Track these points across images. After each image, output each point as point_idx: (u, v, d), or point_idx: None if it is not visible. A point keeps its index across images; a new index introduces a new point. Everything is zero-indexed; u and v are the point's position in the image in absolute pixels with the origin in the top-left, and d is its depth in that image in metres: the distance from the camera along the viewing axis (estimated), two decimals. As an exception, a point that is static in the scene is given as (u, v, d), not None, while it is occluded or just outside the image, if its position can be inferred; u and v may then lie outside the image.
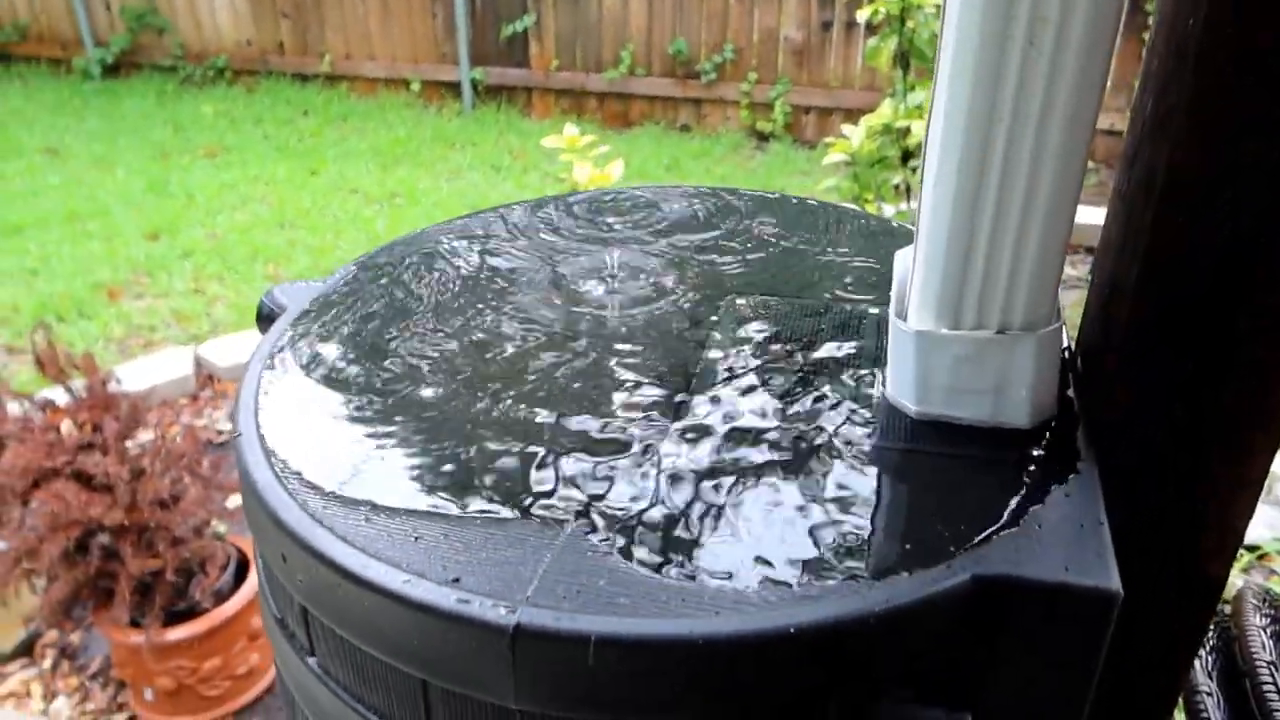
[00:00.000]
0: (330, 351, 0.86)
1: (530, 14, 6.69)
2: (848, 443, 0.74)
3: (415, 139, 6.47)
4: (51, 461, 2.35)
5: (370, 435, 0.75)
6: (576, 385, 0.80)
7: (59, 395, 2.49)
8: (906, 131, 3.63)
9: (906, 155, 3.69)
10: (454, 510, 0.67)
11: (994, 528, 0.65)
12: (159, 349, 4.01)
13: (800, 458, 0.72)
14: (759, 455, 0.73)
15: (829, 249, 1.04)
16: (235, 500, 2.95)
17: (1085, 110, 0.66)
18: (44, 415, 2.46)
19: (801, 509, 0.67)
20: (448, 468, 0.71)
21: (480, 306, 0.93)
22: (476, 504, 0.68)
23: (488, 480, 0.70)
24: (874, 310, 0.92)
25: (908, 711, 0.61)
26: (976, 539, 0.64)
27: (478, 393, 0.80)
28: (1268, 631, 1.04)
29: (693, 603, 0.59)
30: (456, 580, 0.61)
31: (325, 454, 0.73)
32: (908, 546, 0.64)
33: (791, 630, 0.57)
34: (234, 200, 5.48)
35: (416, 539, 0.64)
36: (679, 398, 0.79)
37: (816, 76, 6.33)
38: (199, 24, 7.42)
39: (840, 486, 0.69)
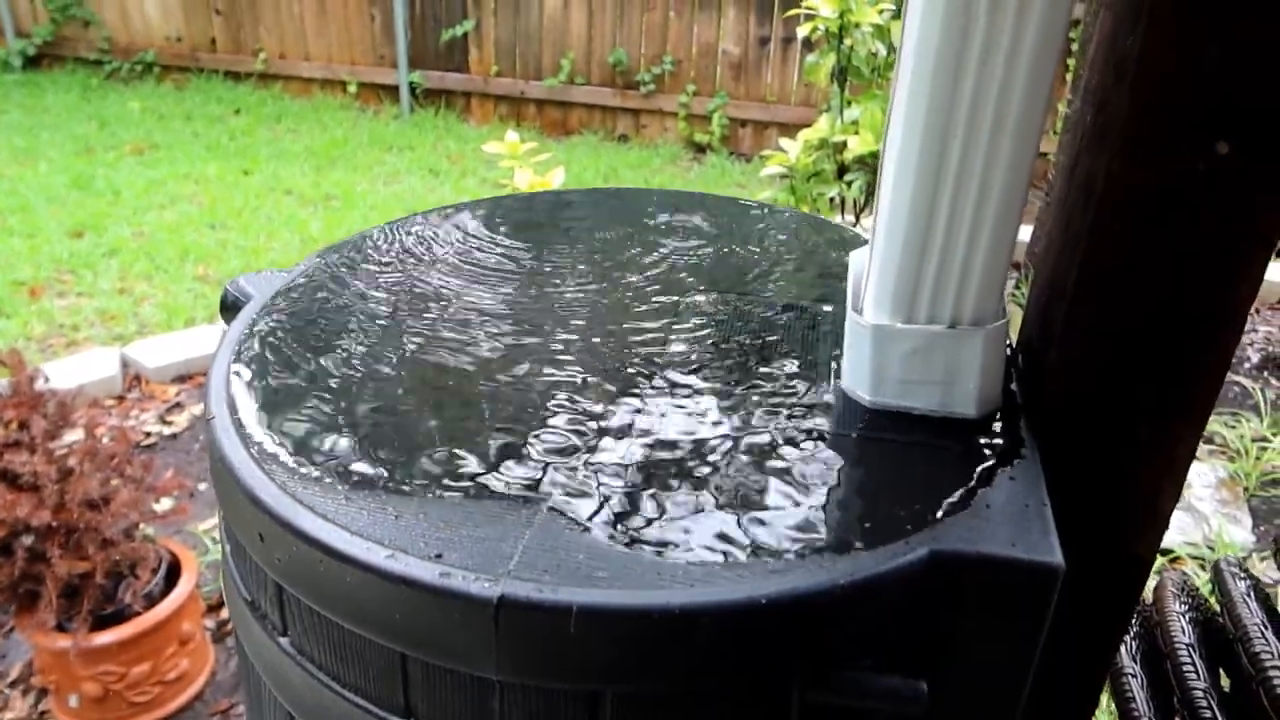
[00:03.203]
0: (300, 338, 0.87)
1: (470, 19, 6.67)
2: (807, 430, 0.78)
3: (351, 141, 6.39)
4: (-26, 460, 2.27)
5: (342, 418, 0.77)
6: (547, 370, 0.83)
7: (-18, 392, 2.41)
8: (843, 146, 3.72)
9: (842, 169, 3.79)
10: (432, 490, 0.69)
11: (947, 508, 0.69)
12: (83, 349, 3.90)
13: (763, 443, 0.76)
14: (724, 440, 0.76)
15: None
16: (165, 503, 2.89)
17: (1033, 122, 0.71)
18: (-33, 413, 2.38)
19: (766, 490, 0.70)
20: (423, 449, 0.73)
21: (447, 294, 0.94)
22: (454, 484, 0.69)
23: (464, 460, 0.72)
24: (828, 307, 0.96)
25: (868, 679, 0.65)
26: (931, 518, 0.68)
27: (447, 377, 0.82)
28: (1186, 617, 1.11)
29: (668, 576, 0.61)
30: (439, 555, 0.62)
31: (298, 436, 0.74)
32: (868, 525, 0.68)
33: (762, 601, 0.60)
34: (162, 199, 5.35)
35: (396, 517, 0.66)
36: (644, 386, 0.82)
37: (753, 91, 6.44)
38: (126, 17, 7.23)
39: (802, 470, 0.73)
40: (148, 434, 3.45)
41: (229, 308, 0.95)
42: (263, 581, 0.73)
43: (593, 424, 0.77)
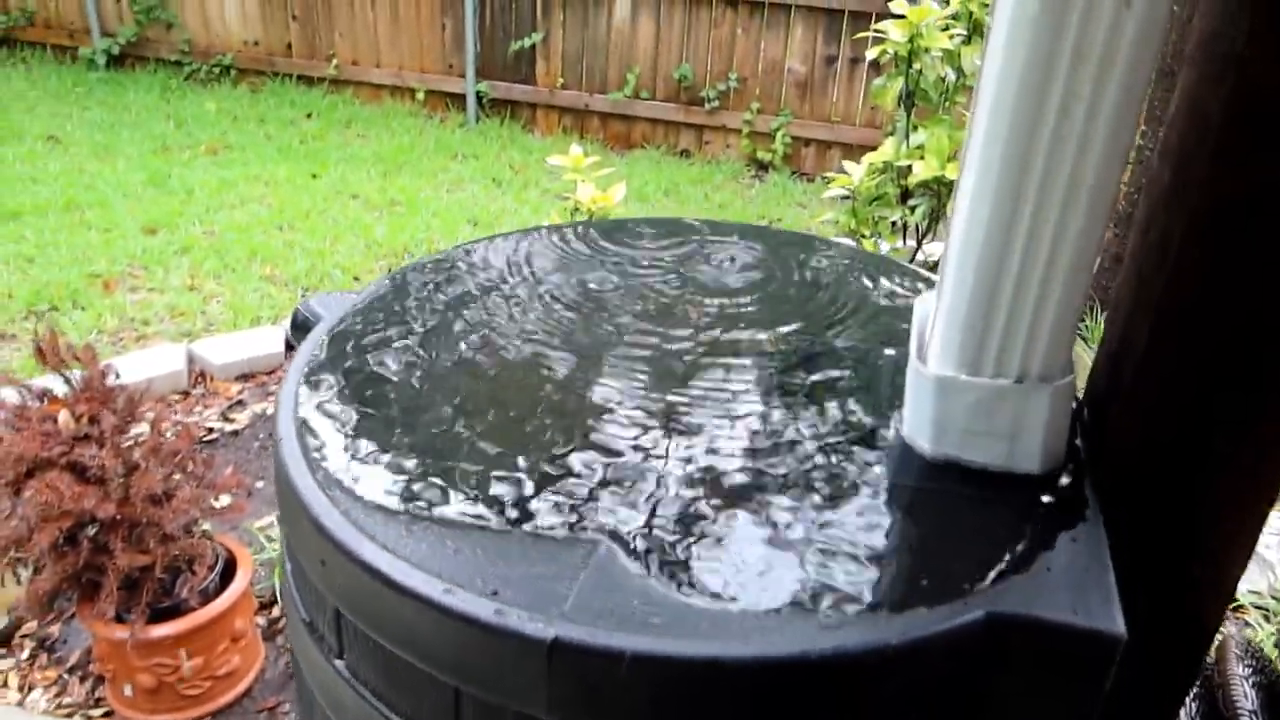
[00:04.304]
0: (368, 364, 0.89)
1: (539, 31, 6.75)
2: (866, 479, 0.77)
3: (418, 148, 6.50)
4: (47, 451, 2.35)
5: (405, 447, 0.78)
6: (605, 410, 0.83)
7: (55, 384, 2.49)
8: (907, 171, 3.68)
9: (906, 194, 3.75)
10: (491, 525, 0.70)
11: (1006, 568, 0.68)
12: (152, 343, 4.01)
13: (822, 492, 0.75)
14: (782, 488, 0.76)
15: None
16: (223, 500, 2.95)
17: (1109, 179, 0.70)
18: (41, 404, 2.46)
19: (824, 541, 0.70)
20: (484, 483, 0.74)
21: (512, 324, 0.95)
22: (512, 518, 0.70)
23: (523, 497, 0.73)
24: (890, 351, 0.96)
25: (918, 740, 0.64)
26: (990, 578, 0.67)
27: (510, 409, 0.83)
28: (1249, 681, 1.07)
29: (722, 626, 0.61)
30: (495, 593, 0.63)
31: (362, 463, 0.76)
32: (924, 582, 0.67)
33: (813, 657, 0.60)
34: (233, 199, 5.49)
35: (455, 551, 0.67)
36: (704, 430, 0.82)
37: (818, 110, 6.41)
38: (207, 20, 7.45)
39: (860, 521, 0.72)
40: (209, 430, 3.54)
41: (299, 327, 0.97)
42: (322, 604, 0.75)
43: (653, 463, 0.77)
